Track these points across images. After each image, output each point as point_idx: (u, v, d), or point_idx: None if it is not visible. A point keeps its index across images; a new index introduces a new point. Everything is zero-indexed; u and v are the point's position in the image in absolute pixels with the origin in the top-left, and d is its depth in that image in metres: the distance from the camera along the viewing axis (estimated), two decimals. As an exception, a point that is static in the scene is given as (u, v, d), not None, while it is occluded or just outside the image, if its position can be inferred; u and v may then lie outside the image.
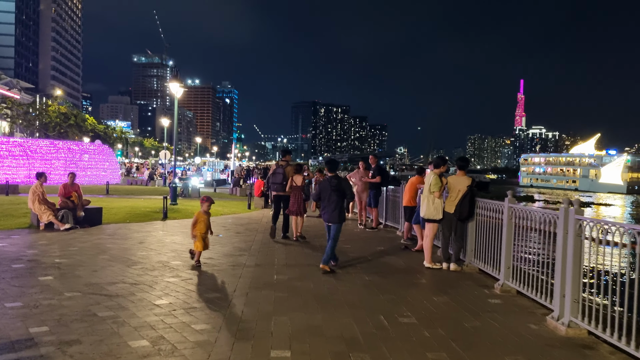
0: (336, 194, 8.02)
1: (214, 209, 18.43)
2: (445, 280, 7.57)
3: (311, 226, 13.61)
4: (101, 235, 10.99)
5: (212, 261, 8.36)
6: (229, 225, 13.64)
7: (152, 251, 9.10)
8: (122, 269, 7.54)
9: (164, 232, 11.63)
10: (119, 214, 14.85)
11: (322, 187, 8.21)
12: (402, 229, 12.44)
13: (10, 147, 30.66)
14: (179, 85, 18.42)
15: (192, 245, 9.42)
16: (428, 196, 8.10)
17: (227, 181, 42.67)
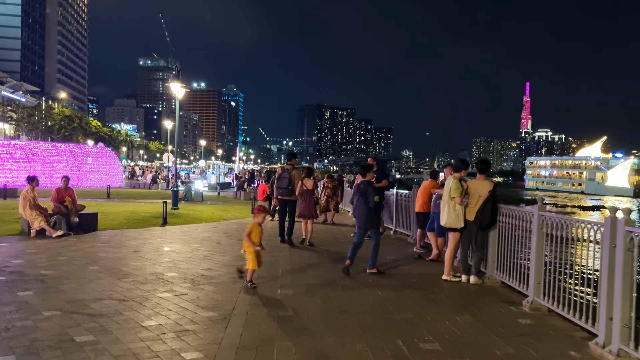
0: (363, 199, 7.94)
1: (216, 213, 17.91)
2: (467, 295, 6.87)
3: (317, 232, 12.94)
4: (95, 242, 10.37)
5: (211, 272, 7.70)
6: (232, 231, 12.99)
7: (146, 261, 8.45)
8: (111, 282, 6.89)
9: (162, 240, 10.99)
10: (116, 220, 14.23)
11: (354, 192, 8.38)
12: (414, 236, 11.76)
13: (11, 150, 30.20)
14: (181, 86, 17.82)
15: (195, 254, 8.84)
16: (448, 202, 7.40)
17: (231, 184, 42.02)
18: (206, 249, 9.89)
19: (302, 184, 10.82)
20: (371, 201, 7.91)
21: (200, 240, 11.14)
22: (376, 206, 7.97)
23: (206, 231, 12.81)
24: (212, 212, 18.10)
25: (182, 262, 8.49)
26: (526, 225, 6.50)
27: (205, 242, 10.89)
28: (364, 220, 7.97)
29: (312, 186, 10.87)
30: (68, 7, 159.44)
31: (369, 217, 7.94)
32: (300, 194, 10.87)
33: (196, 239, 11.33)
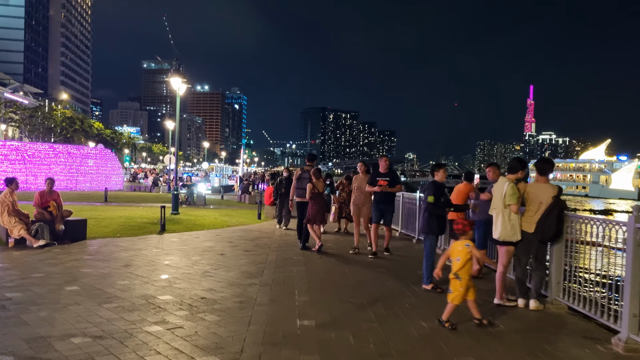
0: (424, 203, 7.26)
1: (219, 219, 16.58)
2: (531, 326, 5.51)
3: (332, 241, 11.61)
4: (80, 254, 9.04)
5: (213, 294, 6.36)
6: (236, 239, 11.65)
7: (137, 279, 7.12)
8: (90, 309, 5.55)
9: (158, 251, 9.65)
10: (109, 226, 12.91)
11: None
12: (443, 246, 10.42)
13: (5, 151, 28.99)
14: (182, 81, 16.51)
15: (195, 269, 7.51)
16: (503, 211, 6.03)
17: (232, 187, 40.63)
18: (208, 263, 8.56)
19: (312, 186, 10.09)
20: (424, 201, 7.05)
21: (201, 251, 9.81)
22: (431, 208, 6.87)
23: (208, 240, 11.47)
24: (215, 217, 16.77)
25: (179, 279, 7.16)
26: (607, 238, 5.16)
27: (207, 253, 9.56)
28: (420, 224, 7.47)
29: (323, 188, 10.24)
30: (71, 9, 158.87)
31: (423, 220, 7.09)
32: (310, 197, 10.12)
33: (197, 249, 10.00)
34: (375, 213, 9.63)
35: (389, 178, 9.40)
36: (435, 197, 6.86)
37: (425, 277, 6.98)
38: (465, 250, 5.23)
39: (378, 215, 9.60)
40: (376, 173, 9.54)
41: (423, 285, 7.00)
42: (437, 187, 6.99)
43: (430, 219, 6.94)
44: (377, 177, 9.46)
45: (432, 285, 6.90)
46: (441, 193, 6.98)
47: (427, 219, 6.95)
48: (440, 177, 7.09)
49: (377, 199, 9.55)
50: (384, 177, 9.41)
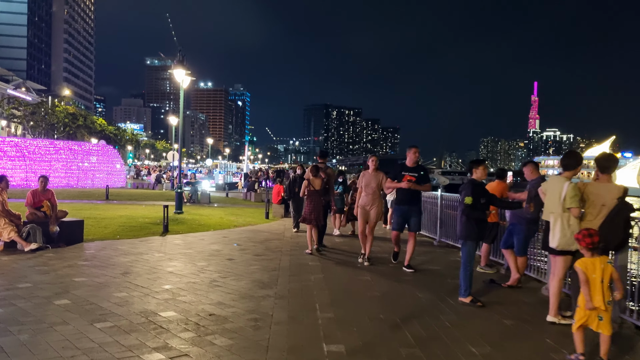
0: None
1: (225, 218, 15.76)
2: (595, 348, 4.67)
3: (345, 243, 10.79)
4: (75, 259, 8.23)
5: (223, 310, 5.54)
6: (245, 241, 10.83)
7: (136, 290, 6.30)
8: (80, 329, 4.74)
9: (160, 255, 8.84)
10: (109, 227, 12.11)
11: None
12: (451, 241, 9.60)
13: (5, 147, 28.26)
14: (186, 73, 15.68)
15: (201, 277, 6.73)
16: (562, 215, 5.17)
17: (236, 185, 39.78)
18: (215, 269, 7.74)
19: (308, 183, 9.55)
20: (460, 203, 6.21)
21: (207, 255, 8.99)
22: (468, 210, 6.05)
23: (215, 242, 10.66)
24: (220, 216, 15.96)
25: (184, 291, 6.34)
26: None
27: (214, 258, 8.74)
28: (458, 228, 6.47)
29: (320, 186, 9.46)
30: (74, 5, 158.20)
31: (460, 224, 6.27)
32: (307, 196, 9.51)
33: (203, 253, 9.18)
34: (398, 217, 8.06)
35: (418, 174, 7.86)
36: (474, 197, 6.03)
37: (463, 289, 6.14)
38: (609, 269, 4.24)
39: (401, 219, 8.03)
40: (402, 167, 8.03)
41: (460, 298, 6.17)
42: (475, 186, 6.15)
43: (469, 223, 6.11)
44: (404, 171, 7.89)
45: (471, 298, 6.07)
46: (481, 193, 6.14)
47: (464, 223, 6.12)
48: (479, 174, 6.25)
49: (401, 199, 8.01)
50: (412, 172, 7.85)
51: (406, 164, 8.02)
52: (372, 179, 8.40)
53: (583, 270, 4.27)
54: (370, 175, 8.46)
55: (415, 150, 8.02)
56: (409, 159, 8.01)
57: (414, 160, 7.99)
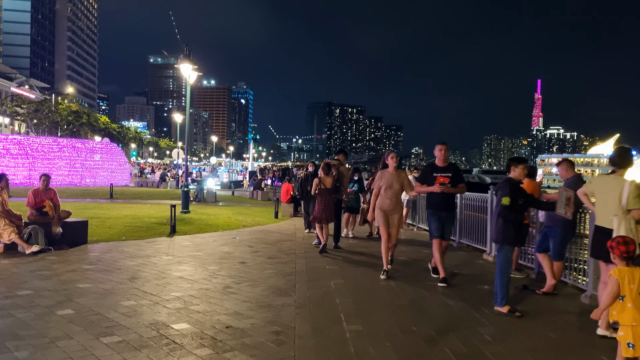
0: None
1: (233, 218, 15.29)
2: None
3: (362, 246, 10.31)
4: (79, 263, 7.77)
5: (241, 321, 5.06)
6: (256, 243, 10.36)
7: (145, 298, 5.83)
8: (85, 345, 4.27)
9: (169, 258, 8.36)
10: (114, 227, 11.66)
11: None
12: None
13: (8, 145, 27.86)
14: (192, 68, 15.20)
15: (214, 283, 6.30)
16: (624, 218, 4.66)
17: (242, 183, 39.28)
18: (228, 274, 7.27)
19: (319, 181, 9.35)
20: (497, 204, 5.67)
21: (218, 258, 8.52)
22: (505, 212, 5.53)
23: (224, 243, 10.19)
24: (228, 216, 15.49)
25: (197, 298, 5.87)
26: None
27: (226, 261, 8.27)
28: (492, 232, 6.05)
29: (331, 184, 9.20)
30: (78, 3, 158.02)
31: (496, 227, 5.74)
32: (318, 194, 9.24)
33: (213, 256, 8.71)
34: (436, 223, 7.02)
35: (452, 174, 6.89)
36: (512, 198, 5.53)
37: (500, 297, 5.64)
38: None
39: (440, 226, 7.00)
40: (432, 167, 7.12)
41: (496, 307, 5.67)
42: (513, 185, 5.64)
43: (506, 226, 5.61)
44: (434, 172, 6.99)
45: (509, 308, 5.58)
46: (519, 193, 5.64)
47: (501, 226, 5.61)
48: (518, 174, 5.74)
49: (435, 204, 7.02)
50: (444, 172, 6.91)
51: (436, 163, 7.13)
52: (394, 180, 7.31)
53: (618, 281, 3.71)
54: (392, 175, 7.35)
55: (441, 147, 7.01)
56: (439, 158, 7.09)
57: (444, 159, 7.02)
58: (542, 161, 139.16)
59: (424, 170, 7.27)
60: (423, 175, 7.17)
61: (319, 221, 9.37)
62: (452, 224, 7.21)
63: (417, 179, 7.23)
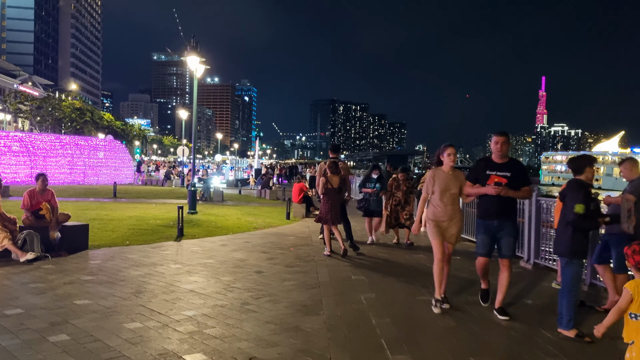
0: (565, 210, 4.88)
1: (243, 219, 14.47)
2: None
3: (387, 253, 9.51)
4: (78, 273, 6.99)
5: (265, 350, 4.27)
6: (270, 248, 9.56)
7: (152, 318, 5.04)
8: (80, 385, 3.49)
9: (178, 267, 7.58)
10: (117, 230, 10.90)
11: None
12: (532, 260, 8.28)
13: (9, 142, 27.16)
14: (200, 61, 14.40)
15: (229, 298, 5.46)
16: None
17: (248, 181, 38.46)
18: (244, 286, 6.48)
19: (326, 180, 8.87)
20: (569, 212, 4.75)
21: (232, 267, 7.73)
22: (578, 221, 4.68)
23: (237, 248, 9.40)
24: (238, 217, 14.71)
25: (212, 319, 5.08)
26: None
27: (240, 270, 7.47)
28: (560, 244, 4.95)
29: (338, 184, 8.90)
30: (82, 0, 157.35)
31: (565, 238, 4.85)
32: (324, 194, 8.92)
33: (226, 264, 7.92)
34: (483, 236, 5.48)
35: (512, 173, 5.30)
36: (585, 205, 4.71)
37: (566, 319, 4.83)
38: None
39: (488, 239, 5.45)
40: (486, 163, 5.48)
41: (561, 330, 4.87)
42: (586, 190, 4.82)
43: (577, 237, 4.80)
44: (489, 169, 5.38)
45: (577, 332, 4.76)
46: (590, 198, 4.83)
47: (572, 237, 4.79)
48: (588, 176, 4.92)
49: (486, 209, 5.43)
50: (502, 170, 5.32)
51: (492, 158, 5.49)
52: (452, 182, 5.68)
53: (631, 294, 3.32)
54: (448, 175, 5.70)
55: (497, 138, 5.36)
56: (495, 152, 5.43)
57: (502, 153, 5.37)
58: (546, 158, 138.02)
59: (476, 167, 5.68)
60: (474, 173, 5.56)
61: (325, 222, 8.95)
62: (512, 237, 5.40)
63: (468, 177, 5.63)
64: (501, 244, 5.42)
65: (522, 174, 5.42)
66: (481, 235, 5.49)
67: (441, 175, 5.70)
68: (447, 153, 5.71)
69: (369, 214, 10.31)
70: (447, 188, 5.64)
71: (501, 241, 5.41)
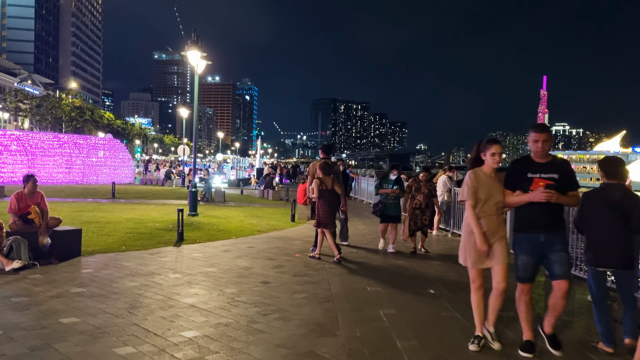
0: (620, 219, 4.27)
1: (246, 221, 13.82)
2: None
3: (405, 261, 8.89)
4: (68, 284, 6.37)
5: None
6: (276, 254, 8.94)
7: (147, 340, 4.42)
8: None
9: (177, 277, 6.96)
10: (113, 234, 10.29)
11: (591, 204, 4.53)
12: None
13: (6, 141, 26.57)
14: (201, 56, 13.77)
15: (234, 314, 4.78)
16: None
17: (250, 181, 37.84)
18: (250, 300, 5.86)
19: (320, 182, 8.43)
20: (635, 221, 4.18)
21: (235, 276, 7.10)
22: None
23: (241, 255, 8.78)
24: (240, 219, 14.09)
25: (215, 341, 4.46)
26: None
27: (245, 281, 6.85)
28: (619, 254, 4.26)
29: (332, 185, 8.45)
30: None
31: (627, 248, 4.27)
32: (319, 196, 8.48)
33: (229, 272, 7.30)
34: (526, 257, 4.33)
35: (559, 174, 4.23)
36: None
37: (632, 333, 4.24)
38: None
39: (532, 260, 4.33)
40: (526, 163, 4.39)
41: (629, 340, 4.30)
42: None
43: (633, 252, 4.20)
44: (530, 171, 4.29)
45: None
46: None
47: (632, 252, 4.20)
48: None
49: (529, 221, 4.33)
50: (547, 171, 4.24)
51: (532, 157, 4.38)
52: (496, 187, 4.44)
53: None
54: (491, 179, 4.46)
55: (537, 136, 4.27)
56: (536, 152, 4.33)
57: (543, 152, 4.28)
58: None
59: (513, 169, 4.52)
60: (513, 177, 4.43)
61: (324, 226, 8.42)
62: (563, 253, 4.25)
63: (505, 182, 4.43)
64: (552, 262, 4.25)
65: (571, 176, 4.36)
66: (523, 256, 4.33)
67: (482, 178, 4.45)
68: (491, 152, 4.41)
69: (386, 219, 9.49)
70: (490, 195, 4.40)
71: (551, 259, 4.25)
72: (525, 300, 4.38)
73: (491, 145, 4.40)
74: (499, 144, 4.42)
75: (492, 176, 4.46)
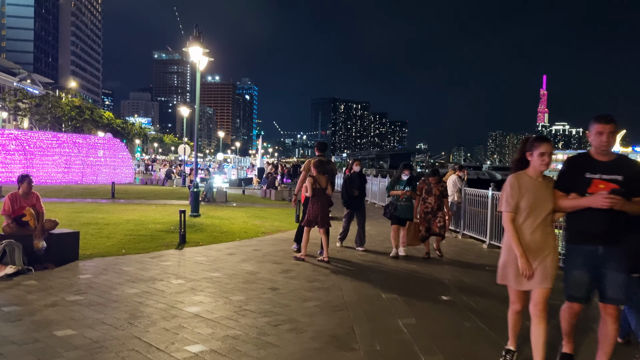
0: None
1: (250, 222, 13.41)
2: None
3: (418, 265, 8.51)
4: (64, 292, 5.98)
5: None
6: (283, 257, 8.56)
7: (148, 358, 4.04)
8: None
9: (180, 283, 6.57)
10: (113, 237, 9.90)
11: None
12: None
13: (4, 141, 26.18)
14: (202, 53, 13.38)
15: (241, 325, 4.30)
16: None
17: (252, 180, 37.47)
18: (258, 309, 5.48)
19: (314, 181, 8.30)
20: None
21: (242, 282, 6.72)
22: None
23: (246, 258, 8.40)
24: (244, 220, 13.70)
25: (222, 356, 4.08)
26: None
27: (252, 287, 6.47)
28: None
29: (326, 184, 8.43)
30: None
31: None
32: (312, 195, 8.36)
33: (235, 278, 6.92)
34: (580, 271, 3.67)
35: (624, 175, 3.55)
36: None
37: None
38: None
39: (587, 276, 3.65)
40: (585, 161, 3.71)
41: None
42: None
43: None
44: (589, 171, 3.62)
45: None
46: None
47: None
48: None
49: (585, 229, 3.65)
50: (610, 173, 3.57)
51: (593, 154, 3.71)
52: (544, 193, 3.72)
53: None
54: (538, 184, 3.73)
55: (602, 127, 3.57)
56: (598, 147, 3.64)
57: (607, 147, 3.61)
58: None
59: (569, 166, 3.80)
60: (567, 178, 3.75)
61: (314, 225, 8.36)
62: (619, 273, 3.57)
63: (558, 183, 3.76)
64: (605, 282, 3.58)
65: (638, 179, 3.58)
66: (576, 270, 3.67)
67: (526, 184, 3.70)
68: (540, 152, 3.67)
69: (397, 221, 8.94)
70: (537, 203, 3.66)
71: (605, 277, 3.58)
72: (571, 322, 3.87)
73: (540, 144, 3.68)
74: (549, 143, 3.69)
75: (540, 180, 3.73)
